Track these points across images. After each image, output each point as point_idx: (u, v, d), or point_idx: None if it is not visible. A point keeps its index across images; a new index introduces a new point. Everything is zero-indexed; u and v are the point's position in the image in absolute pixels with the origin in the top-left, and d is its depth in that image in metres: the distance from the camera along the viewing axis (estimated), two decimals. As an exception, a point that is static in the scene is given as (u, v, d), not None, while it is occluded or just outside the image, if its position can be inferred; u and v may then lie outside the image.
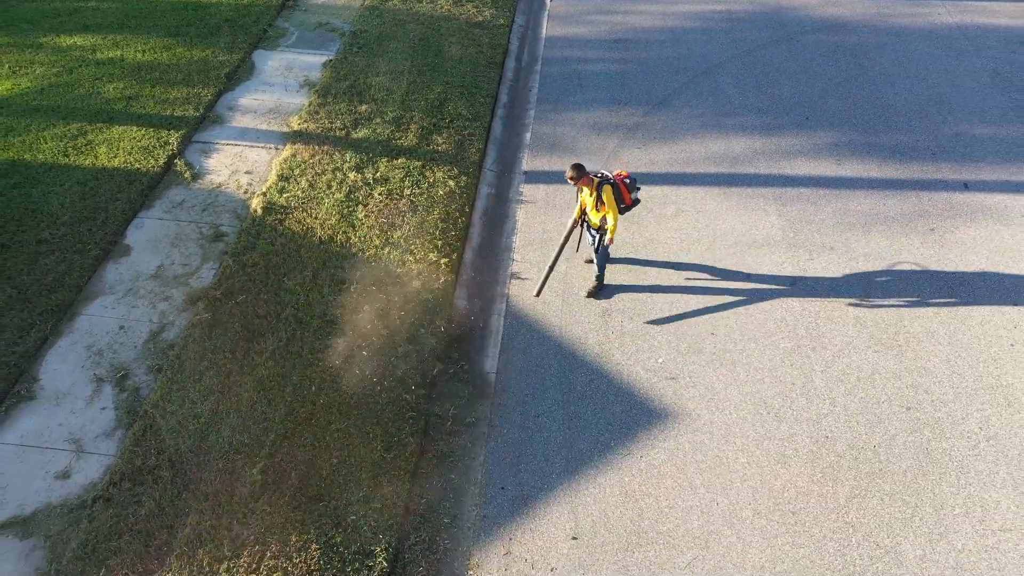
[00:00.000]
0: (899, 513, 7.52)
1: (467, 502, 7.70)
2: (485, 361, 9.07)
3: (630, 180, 8.96)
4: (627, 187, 8.93)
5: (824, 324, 9.32)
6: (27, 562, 6.93)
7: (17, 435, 7.86)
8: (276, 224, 10.25)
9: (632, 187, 8.98)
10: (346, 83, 12.99)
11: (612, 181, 8.84)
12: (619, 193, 8.87)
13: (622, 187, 8.89)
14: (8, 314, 8.85)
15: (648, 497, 7.69)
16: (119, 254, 9.82)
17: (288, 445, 7.85)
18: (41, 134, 11.43)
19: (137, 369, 8.52)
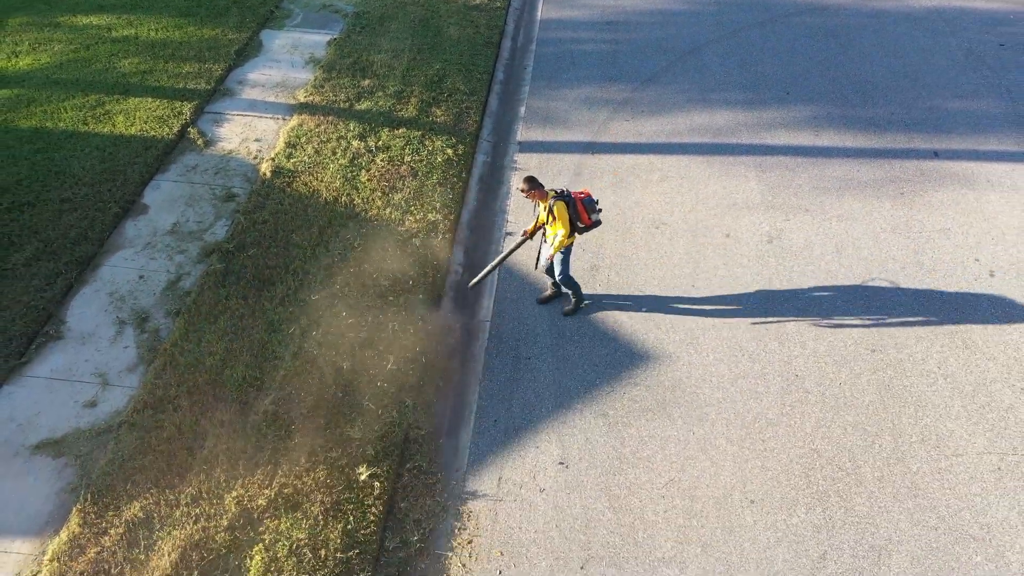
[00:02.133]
0: (860, 441, 8.16)
1: (462, 433, 8.33)
2: (480, 311, 9.70)
3: (589, 200, 8.63)
4: (586, 207, 8.58)
5: (798, 277, 9.96)
6: (60, 478, 7.57)
7: (47, 369, 8.50)
8: (284, 186, 10.90)
9: (592, 208, 8.64)
10: (349, 60, 13.64)
11: (567, 198, 8.53)
12: (575, 211, 8.55)
13: (579, 205, 8.56)
14: (36, 264, 9.49)
15: (630, 428, 8.32)
16: (137, 212, 10.47)
17: (297, 380, 8.48)
18: (61, 104, 12.08)
19: (156, 313, 9.17)
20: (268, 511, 7.37)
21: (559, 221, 8.54)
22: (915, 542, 7.32)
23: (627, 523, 7.51)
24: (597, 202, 8.73)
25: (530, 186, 8.59)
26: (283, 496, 7.48)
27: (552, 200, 8.54)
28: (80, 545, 7.01)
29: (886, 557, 7.21)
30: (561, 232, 8.60)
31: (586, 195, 8.66)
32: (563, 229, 8.58)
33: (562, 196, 8.56)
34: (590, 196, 8.67)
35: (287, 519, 7.32)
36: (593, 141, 12.35)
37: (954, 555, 7.23)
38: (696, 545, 7.34)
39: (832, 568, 7.14)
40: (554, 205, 8.50)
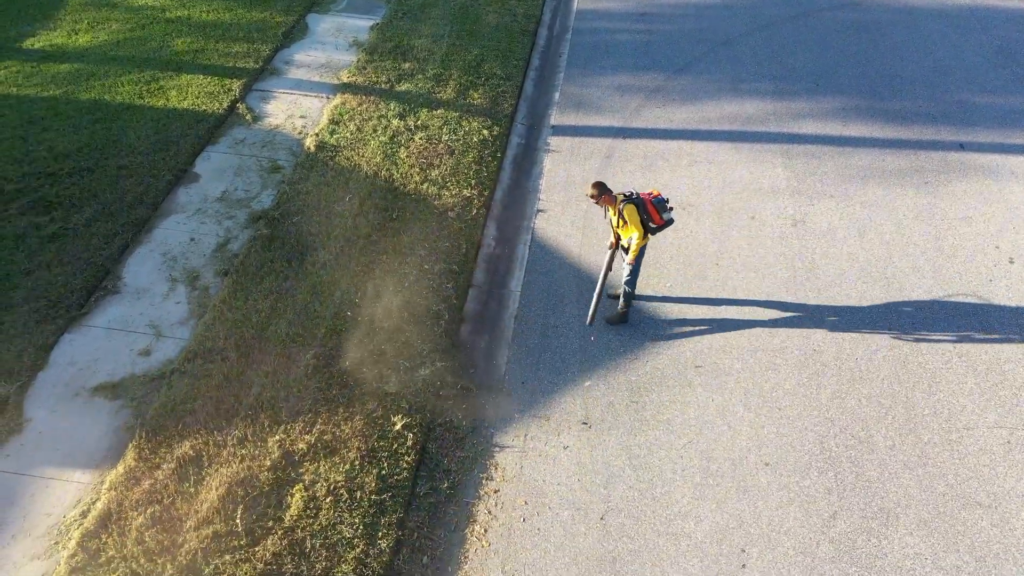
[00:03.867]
0: (874, 412, 8.47)
1: (491, 392, 8.76)
2: (511, 281, 10.14)
3: (660, 200, 8.48)
4: (656, 207, 8.44)
5: (820, 259, 10.27)
6: (116, 418, 8.13)
7: (105, 320, 9.08)
8: (327, 160, 11.42)
9: (662, 207, 8.47)
10: (391, 44, 14.15)
11: (637, 200, 8.40)
12: (646, 212, 8.41)
13: (650, 206, 8.42)
14: (95, 224, 10.09)
15: (651, 393, 8.70)
16: (189, 180, 11.05)
17: (337, 338, 8.98)
18: (118, 79, 12.72)
19: (206, 272, 9.72)
20: (308, 455, 7.86)
21: (631, 224, 8.37)
22: (923, 506, 7.62)
23: (646, 480, 7.89)
24: (667, 200, 8.55)
25: (599, 191, 8.40)
26: (322, 442, 7.97)
27: (622, 204, 8.35)
28: (135, 477, 7.55)
29: (894, 519, 7.52)
30: (635, 235, 8.43)
31: (656, 195, 8.49)
32: (636, 232, 8.40)
33: (631, 199, 8.37)
34: (660, 196, 8.50)
35: (326, 463, 7.80)
36: (624, 126, 12.73)
37: (961, 520, 7.52)
38: (711, 502, 7.70)
39: (842, 527, 7.47)
40: (624, 209, 8.33)
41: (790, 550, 7.32)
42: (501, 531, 7.47)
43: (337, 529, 7.31)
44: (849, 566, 7.19)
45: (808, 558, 7.25)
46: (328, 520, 7.36)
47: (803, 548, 7.32)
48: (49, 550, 7.11)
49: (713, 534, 7.45)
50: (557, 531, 7.50)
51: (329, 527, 7.31)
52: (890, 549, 7.30)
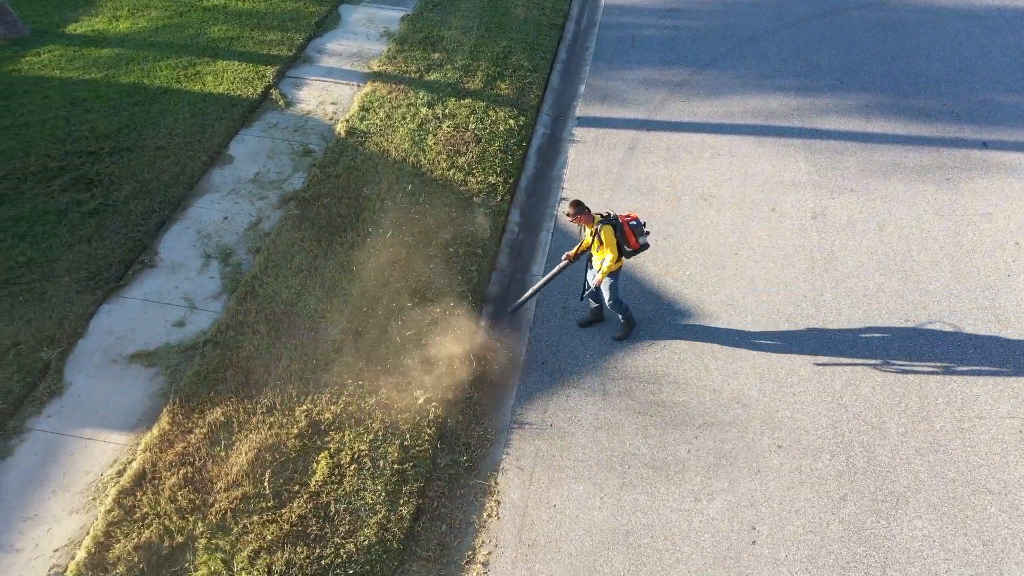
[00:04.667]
0: (887, 399, 8.61)
1: (512, 371, 9.01)
2: (533, 266, 10.38)
3: (637, 224, 8.42)
4: (633, 230, 8.37)
5: (839, 251, 10.40)
6: (151, 384, 8.47)
7: (142, 293, 9.44)
8: (357, 145, 11.72)
9: (639, 231, 8.41)
10: (421, 35, 14.44)
11: (614, 222, 8.34)
12: (622, 235, 8.35)
13: (627, 229, 8.35)
14: (133, 202, 10.45)
15: (668, 376, 8.90)
16: (223, 162, 11.40)
17: (363, 315, 9.27)
18: (157, 64, 13.11)
19: (239, 250, 10.05)
20: (334, 424, 8.15)
21: (606, 246, 8.34)
22: (933, 491, 7.76)
23: (660, 459, 8.10)
24: (645, 225, 8.50)
25: (576, 210, 8.31)
26: (347, 413, 8.25)
27: (599, 225, 8.31)
28: (169, 440, 7.88)
29: (904, 503, 7.67)
30: (609, 257, 8.39)
31: (633, 218, 8.43)
32: (611, 254, 8.37)
33: (609, 220, 8.34)
34: (637, 220, 8.44)
35: (350, 432, 8.08)
36: (648, 119, 12.91)
37: (970, 505, 7.65)
38: (724, 480, 7.90)
39: (852, 509, 7.63)
40: (601, 230, 8.28)
41: (800, 529, 7.49)
42: (517, 503, 7.71)
43: (360, 495, 7.58)
44: (858, 545, 7.35)
45: (817, 537, 7.42)
46: (352, 486, 7.64)
47: (813, 527, 7.50)
48: (87, 505, 7.45)
49: (725, 511, 7.64)
50: (572, 505, 7.72)
51: (353, 493, 7.59)
52: (899, 531, 7.45)
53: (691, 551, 7.36)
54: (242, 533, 7.23)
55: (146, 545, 7.09)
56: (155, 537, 7.15)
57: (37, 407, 8.19)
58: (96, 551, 7.03)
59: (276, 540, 7.18)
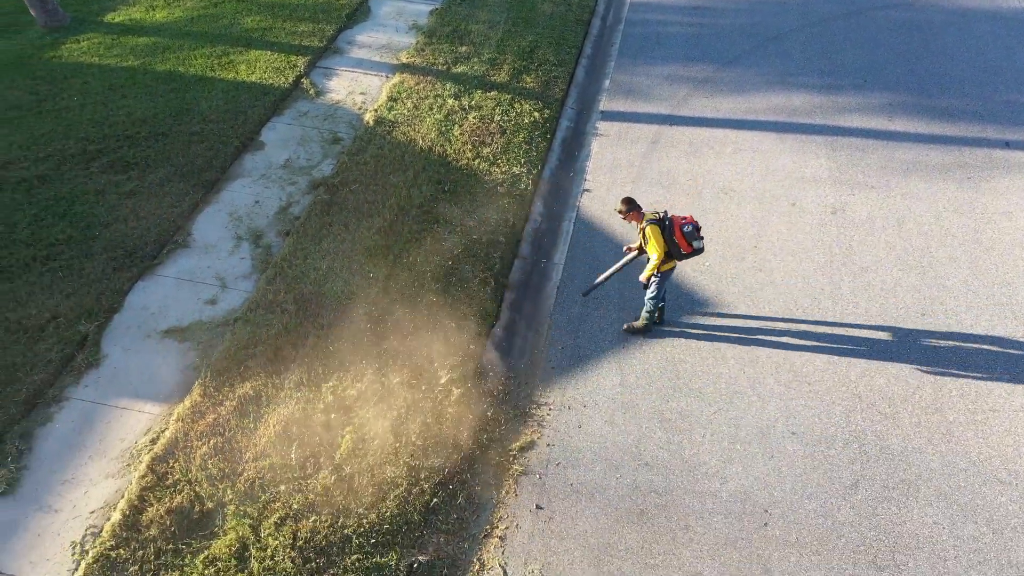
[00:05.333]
0: (902, 391, 8.73)
1: (533, 354, 9.22)
2: (555, 254, 10.59)
3: (692, 227, 8.21)
4: (685, 235, 8.19)
5: (857, 246, 10.52)
6: (184, 358, 8.78)
7: (175, 271, 9.76)
8: (385, 134, 11.99)
9: (693, 236, 8.22)
10: (449, 28, 14.69)
11: (663, 221, 8.23)
12: (670, 235, 8.21)
13: (678, 231, 8.19)
14: (168, 184, 10.79)
15: (685, 363, 9.08)
16: (255, 148, 11.71)
17: (387, 298, 9.52)
18: (192, 53, 13.46)
19: (269, 232, 10.35)
20: (359, 401, 8.40)
21: (652, 244, 8.29)
22: (944, 480, 7.88)
23: (675, 441, 8.28)
24: (699, 229, 8.26)
25: (627, 207, 8.34)
26: (372, 391, 8.51)
27: (646, 223, 8.28)
28: (200, 411, 8.17)
29: (915, 490, 7.80)
30: (654, 256, 8.30)
31: (689, 221, 8.23)
32: (655, 253, 8.26)
33: (657, 220, 8.25)
34: (694, 223, 8.23)
35: (375, 409, 8.34)
36: (672, 114, 13.07)
37: (980, 495, 7.77)
38: (738, 464, 8.07)
39: (863, 494, 7.77)
40: (647, 227, 8.25)
41: (811, 512, 7.64)
42: (535, 480, 7.92)
43: (382, 469, 7.83)
44: (868, 530, 7.49)
45: (828, 520, 7.57)
46: (375, 460, 7.89)
47: (824, 511, 7.65)
48: (122, 471, 7.76)
49: (738, 494, 7.81)
50: (589, 483, 7.93)
51: (375, 467, 7.85)
52: (909, 517, 7.59)
53: (703, 531, 7.54)
54: (269, 501, 7.50)
55: (178, 509, 7.38)
56: (186, 502, 7.44)
57: (75, 377, 8.52)
58: (130, 514, 7.33)
59: (301, 509, 7.45)
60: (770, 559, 7.32)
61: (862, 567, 7.24)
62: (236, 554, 7.10)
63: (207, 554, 7.09)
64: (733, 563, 7.31)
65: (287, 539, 7.20)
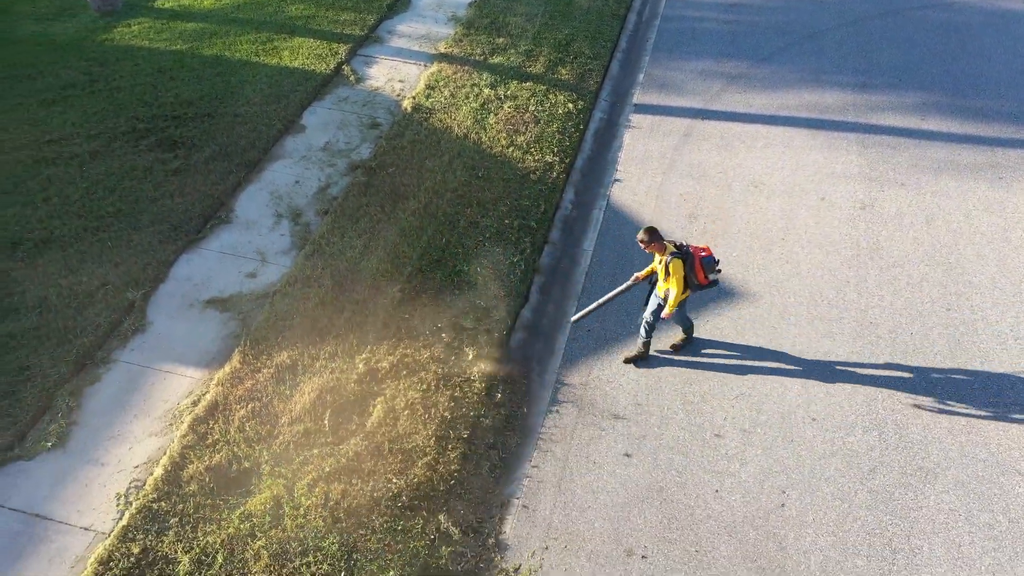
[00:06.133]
0: (924, 383, 8.84)
1: (559, 336, 9.47)
2: (584, 241, 10.82)
3: (709, 259, 8.22)
4: (704, 266, 8.20)
5: (885, 241, 10.61)
6: (225, 327, 9.15)
7: (218, 245, 10.15)
8: (422, 120, 12.30)
9: (711, 267, 8.24)
10: (487, 20, 14.98)
11: (686, 255, 8.14)
12: (692, 268, 8.17)
13: (697, 263, 8.17)
14: (213, 163, 11.19)
15: (709, 348, 9.26)
16: (296, 131, 12.09)
17: (420, 277, 9.82)
18: (238, 38, 13.89)
19: (308, 211, 10.70)
20: (390, 373, 8.71)
21: (673, 279, 8.17)
22: (963, 469, 7.99)
23: (697, 423, 8.48)
24: (718, 262, 8.33)
25: (650, 238, 8.14)
26: (403, 364, 8.81)
27: (670, 256, 8.13)
28: (239, 377, 8.53)
29: (932, 478, 7.92)
30: (674, 291, 8.24)
31: (707, 253, 8.23)
32: (675, 288, 8.22)
33: (680, 253, 8.13)
34: (711, 255, 8.24)
35: (405, 381, 8.64)
36: (704, 108, 13.23)
37: (998, 485, 7.87)
38: (758, 448, 8.24)
39: (880, 480, 7.91)
40: (671, 263, 8.10)
41: (828, 496, 7.80)
42: (558, 455, 8.17)
43: (411, 438, 8.13)
44: (884, 514, 7.64)
45: (845, 504, 7.73)
46: (404, 430, 8.19)
47: (841, 495, 7.80)
48: (165, 430, 8.14)
49: (757, 475, 7.99)
50: (610, 460, 8.15)
51: (405, 435, 8.14)
52: (926, 503, 7.72)
53: (721, 509, 7.73)
54: (303, 463, 7.83)
55: (216, 467, 7.74)
56: (224, 461, 7.80)
57: (122, 341, 8.93)
58: (172, 469, 7.70)
59: (333, 472, 7.76)
60: (786, 538, 7.49)
61: (877, 548, 7.39)
62: (270, 511, 7.43)
63: (243, 510, 7.43)
64: (750, 540, 7.49)
65: (319, 499, 7.52)
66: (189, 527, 7.31)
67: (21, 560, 7.07)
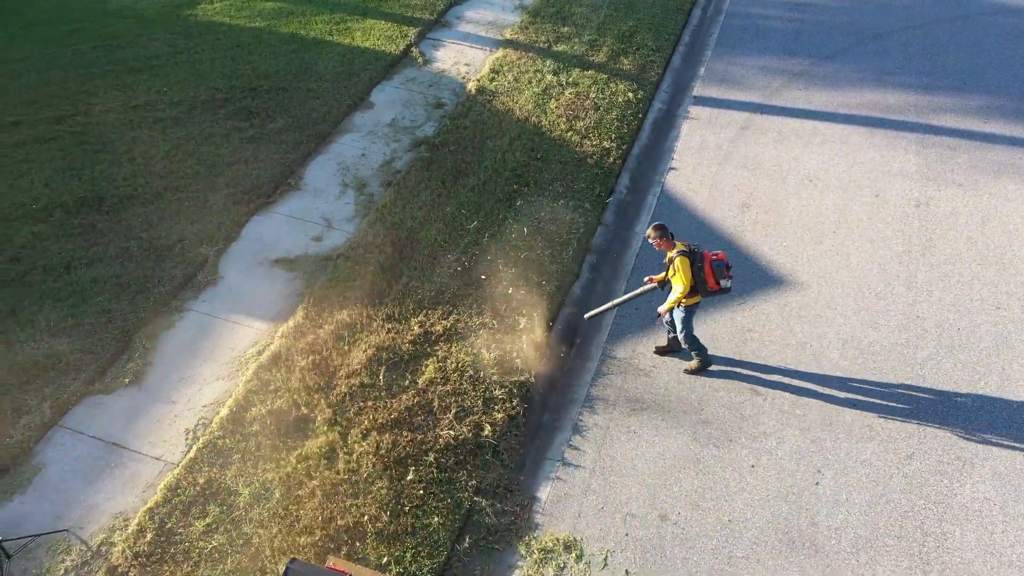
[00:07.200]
0: (967, 377, 8.91)
1: (607, 314, 9.76)
2: (637, 225, 11.09)
3: (719, 264, 8.03)
4: (714, 269, 8.00)
5: (938, 239, 10.65)
6: (290, 285, 9.69)
7: (287, 209, 10.70)
8: (485, 102, 12.71)
9: (721, 273, 8.05)
10: (553, 9, 15.32)
11: (693, 254, 8.06)
12: (699, 269, 8.03)
13: (707, 266, 8.01)
14: (285, 133, 11.77)
15: (753, 332, 9.47)
16: (365, 107, 12.61)
17: (476, 248, 10.21)
18: (313, 18, 14.50)
19: (372, 182, 11.20)
20: (443, 336, 9.12)
21: (678, 276, 8.10)
22: (1001, 461, 8.07)
23: (736, 401, 8.70)
24: (729, 268, 8.15)
25: (658, 234, 8.13)
26: (456, 328, 9.21)
27: (676, 253, 8.07)
28: (302, 331, 9.04)
29: (970, 467, 8.02)
30: (679, 288, 8.16)
31: (720, 258, 8.08)
32: (681, 286, 8.11)
33: (688, 252, 8.05)
34: (723, 260, 8.08)
35: (457, 345, 9.04)
36: (763, 103, 13.36)
37: (1036, 478, 7.94)
38: (795, 429, 8.43)
39: (916, 466, 8.04)
40: (676, 258, 8.04)
41: (863, 478, 7.96)
42: (600, 425, 8.48)
43: (460, 397, 8.52)
44: (918, 499, 7.77)
45: (880, 487, 7.88)
46: (454, 389, 8.59)
47: (876, 478, 7.96)
48: (231, 375, 8.70)
49: (793, 454, 8.19)
50: (649, 431, 8.44)
51: (454, 395, 8.54)
52: (961, 491, 7.82)
53: (756, 483, 7.95)
54: (357, 414, 8.29)
55: (277, 412, 8.25)
56: (285, 407, 8.30)
57: (195, 292, 9.52)
58: (236, 411, 8.24)
59: (385, 423, 8.20)
60: (818, 514, 7.68)
61: (908, 530, 7.53)
62: (325, 455, 7.91)
63: (300, 452, 7.92)
64: (782, 515, 7.70)
65: (371, 447, 7.97)
66: (250, 463, 7.82)
67: (99, 482, 7.67)
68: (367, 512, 7.47)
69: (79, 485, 7.64)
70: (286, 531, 7.28)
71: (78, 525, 7.35)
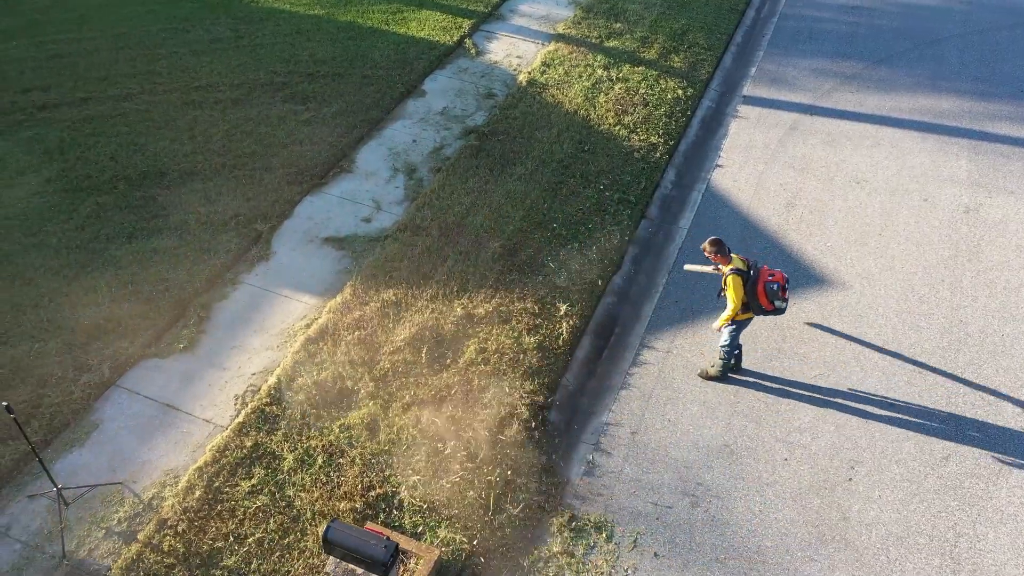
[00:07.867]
0: (1009, 383, 8.85)
1: (645, 305, 9.89)
2: (681, 219, 11.18)
3: (772, 286, 7.82)
4: (767, 291, 7.84)
5: (986, 246, 10.56)
6: (339, 263, 9.98)
7: (339, 191, 11.01)
8: (535, 94, 12.89)
9: (774, 294, 7.85)
10: (606, 5, 15.44)
11: (747, 273, 7.88)
12: (752, 288, 7.88)
13: (760, 288, 7.85)
14: (340, 118, 12.10)
15: (792, 330, 9.51)
16: (417, 95, 12.88)
17: (521, 235, 10.40)
18: (370, 7, 14.83)
19: (422, 168, 11.46)
20: (485, 319, 9.33)
21: (729, 293, 8.00)
22: (1039, 468, 8.03)
23: (772, 395, 8.77)
24: (786, 290, 7.96)
25: (714, 248, 8.00)
26: (498, 312, 9.41)
27: (729, 270, 7.94)
28: (349, 307, 9.32)
29: (1007, 472, 7.99)
30: (730, 306, 8.06)
31: (776, 279, 7.88)
32: (732, 304, 8.01)
33: (742, 271, 7.89)
34: (778, 283, 7.89)
35: (498, 328, 9.24)
36: (814, 104, 13.34)
37: (1075, 487, 7.87)
38: (831, 424, 8.47)
39: (952, 468, 8.03)
40: (730, 276, 7.92)
41: (897, 476, 7.98)
42: (635, 411, 8.62)
43: (499, 378, 8.72)
44: (951, 499, 7.77)
45: (914, 485, 7.89)
46: (492, 369, 8.79)
47: (910, 476, 7.97)
48: (280, 345, 9.01)
49: (827, 449, 8.24)
50: (685, 420, 8.55)
51: (494, 375, 8.74)
52: (996, 494, 7.80)
53: (788, 476, 8.02)
54: (399, 388, 8.54)
55: (322, 383, 8.53)
56: (330, 378, 8.58)
57: (248, 266, 9.87)
58: (284, 380, 8.54)
59: (425, 399, 8.44)
60: (850, 509, 7.73)
61: (940, 530, 7.54)
62: (367, 426, 8.17)
63: (343, 422, 8.19)
64: (813, 508, 7.76)
65: (411, 420, 8.21)
66: (295, 431, 8.11)
67: (152, 440, 8.03)
68: (406, 481, 7.71)
69: (133, 442, 8.01)
70: (327, 496, 7.55)
71: (131, 479, 7.71)
